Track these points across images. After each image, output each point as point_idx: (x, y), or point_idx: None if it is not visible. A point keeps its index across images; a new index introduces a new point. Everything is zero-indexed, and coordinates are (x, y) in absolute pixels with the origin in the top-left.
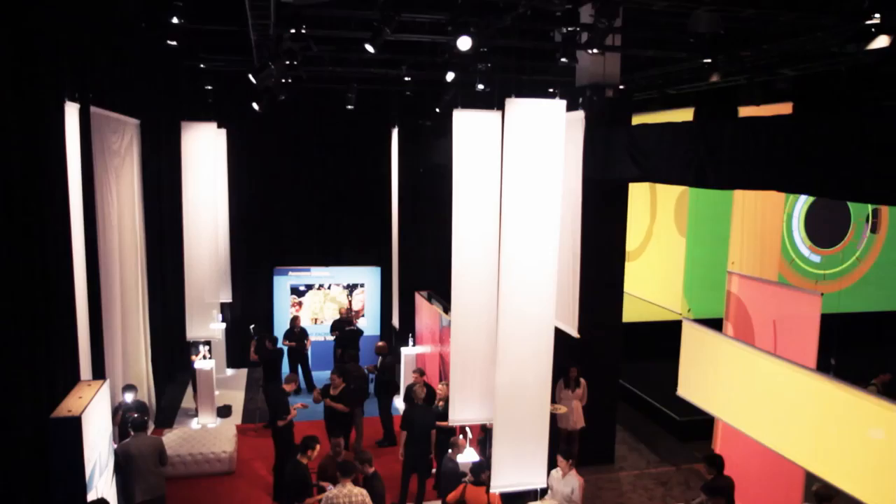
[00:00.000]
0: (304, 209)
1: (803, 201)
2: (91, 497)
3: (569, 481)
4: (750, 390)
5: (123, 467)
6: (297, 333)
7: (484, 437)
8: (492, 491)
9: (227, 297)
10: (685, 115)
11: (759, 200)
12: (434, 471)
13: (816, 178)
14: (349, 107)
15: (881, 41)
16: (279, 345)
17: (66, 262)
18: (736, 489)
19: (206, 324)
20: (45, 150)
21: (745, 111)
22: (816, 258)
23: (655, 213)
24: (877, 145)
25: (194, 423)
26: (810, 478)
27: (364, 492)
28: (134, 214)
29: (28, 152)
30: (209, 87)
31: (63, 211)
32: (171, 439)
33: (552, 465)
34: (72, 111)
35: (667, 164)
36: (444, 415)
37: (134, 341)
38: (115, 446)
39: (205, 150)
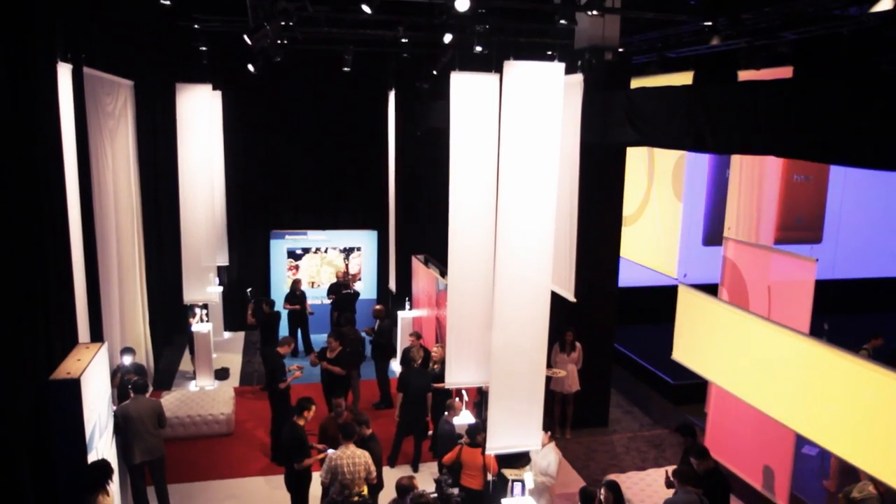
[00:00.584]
0: (300, 172)
1: None
2: (91, 458)
3: (546, 454)
4: (743, 354)
5: (123, 429)
6: (298, 296)
7: (480, 399)
8: (487, 452)
9: (223, 261)
10: (684, 78)
11: (757, 166)
12: (430, 433)
13: (816, 143)
14: (346, 69)
15: (885, 3)
16: (276, 308)
17: (61, 225)
18: (728, 452)
19: (202, 287)
20: (38, 111)
21: (744, 75)
22: None
23: (653, 177)
24: (878, 110)
25: (192, 386)
26: (800, 440)
27: (366, 453)
28: (129, 177)
29: (21, 113)
30: (203, 49)
31: (58, 173)
32: (170, 401)
33: (547, 429)
34: (65, 72)
35: (665, 129)
36: (440, 377)
37: (131, 304)
38: (115, 408)
39: (200, 113)
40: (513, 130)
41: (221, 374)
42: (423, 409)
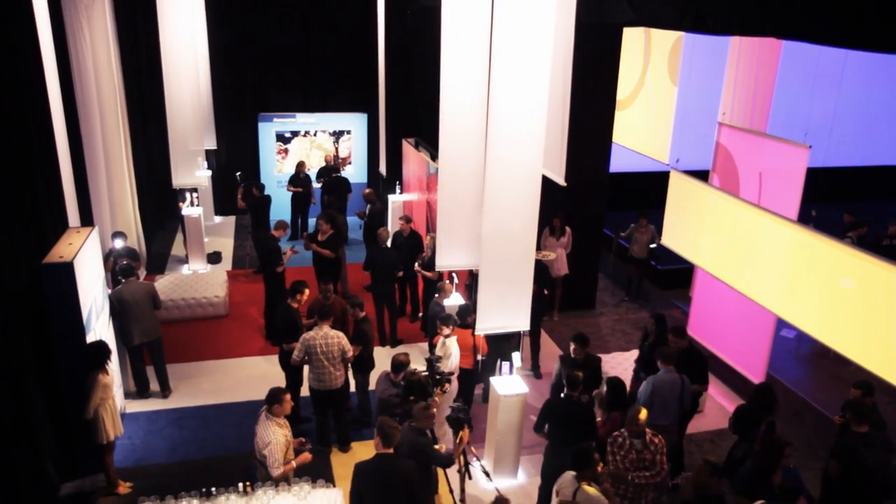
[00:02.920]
0: (288, 52)
1: None
2: (90, 339)
3: (444, 348)
4: (731, 240)
5: (119, 312)
6: (302, 179)
7: (470, 281)
8: (477, 333)
9: (211, 144)
10: None
11: (755, 50)
12: (421, 315)
13: (815, 23)
14: None
15: None
16: (266, 192)
17: (41, 107)
18: (710, 334)
19: (191, 171)
20: None
21: None
22: None
23: (649, 60)
24: None
25: (185, 270)
26: (780, 324)
27: (340, 334)
28: (110, 58)
29: None
30: None
31: (34, 53)
32: (164, 285)
33: (535, 310)
34: None
35: (663, 8)
36: (409, 258)
37: (120, 188)
38: (110, 292)
39: None
40: (506, 9)
41: (214, 258)
42: (392, 286)
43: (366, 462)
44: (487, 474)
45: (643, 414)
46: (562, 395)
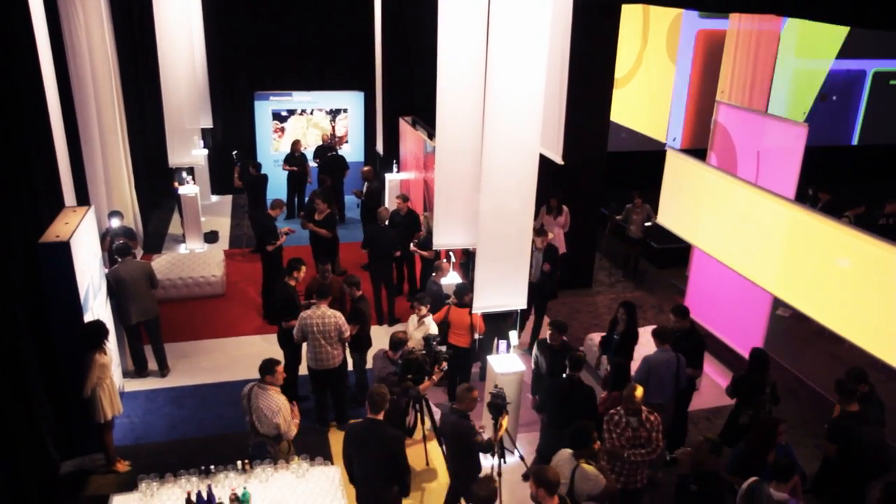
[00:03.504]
0: (283, 30)
1: None
2: (87, 319)
3: (423, 329)
4: (728, 219)
5: (116, 291)
6: (297, 158)
7: (466, 260)
8: (474, 312)
9: (207, 123)
10: None
11: (754, 27)
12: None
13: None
14: None
15: None
16: (263, 171)
17: (36, 86)
18: (706, 312)
19: (187, 150)
20: None
21: None
22: None
23: (647, 38)
24: None
25: (182, 249)
26: (776, 303)
27: (337, 314)
28: (104, 36)
29: None
30: None
31: (27, 32)
32: (161, 264)
33: (547, 290)
34: None
35: None
36: (406, 237)
37: (115, 167)
38: (106, 272)
39: None
40: None
41: (211, 238)
42: (389, 265)
43: (354, 425)
44: (523, 459)
45: (639, 392)
46: (563, 375)
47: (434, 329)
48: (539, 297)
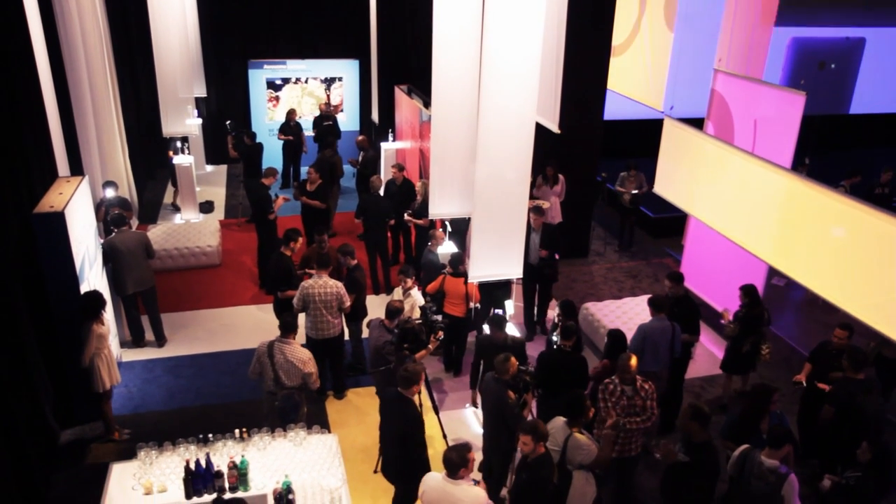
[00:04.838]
0: None
1: None
2: (84, 289)
3: (409, 301)
4: (724, 188)
5: (112, 261)
6: (292, 127)
7: (451, 230)
8: (469, 281)
9: (201, 92)
10: None
11: None
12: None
13: None
14: None
15: None
16: (258, 140)
17: (26, 54)
18: (701, 281)
19: (181, 119)
20: None
21: None
22: None
23: (645, 4)
24: None
25: (178, 219)
26: (771, 272)
27: (339, 283)
28: (95, 3)
29: None
30: None
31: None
32: (157, 234)
33: (530, 269)
34: None
35: None
36: (402, 206)
37: (109, 137)
38: (102, 241)
39: None
40: None
41: (206, 208)
42: (384, 235)
43: (387, 391)
44: None
45: (633, 361)
46: (554, 346)
47: (420, 301)
48: (541, 281)
